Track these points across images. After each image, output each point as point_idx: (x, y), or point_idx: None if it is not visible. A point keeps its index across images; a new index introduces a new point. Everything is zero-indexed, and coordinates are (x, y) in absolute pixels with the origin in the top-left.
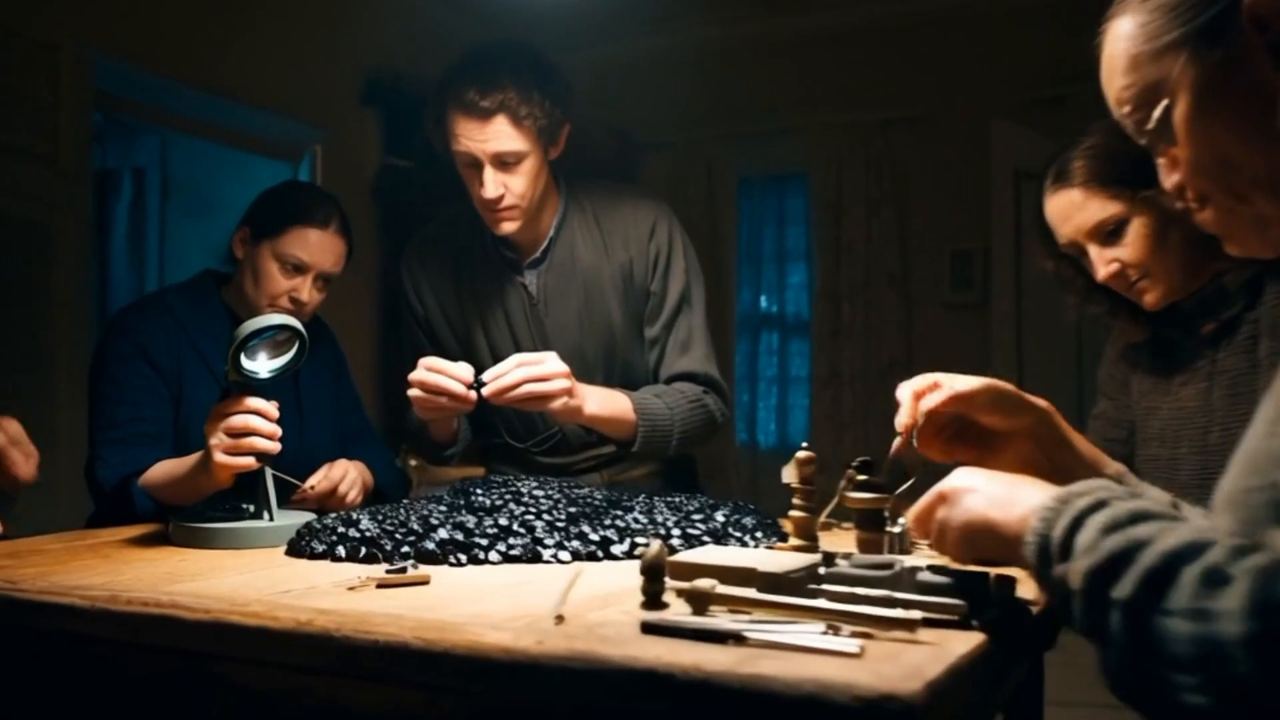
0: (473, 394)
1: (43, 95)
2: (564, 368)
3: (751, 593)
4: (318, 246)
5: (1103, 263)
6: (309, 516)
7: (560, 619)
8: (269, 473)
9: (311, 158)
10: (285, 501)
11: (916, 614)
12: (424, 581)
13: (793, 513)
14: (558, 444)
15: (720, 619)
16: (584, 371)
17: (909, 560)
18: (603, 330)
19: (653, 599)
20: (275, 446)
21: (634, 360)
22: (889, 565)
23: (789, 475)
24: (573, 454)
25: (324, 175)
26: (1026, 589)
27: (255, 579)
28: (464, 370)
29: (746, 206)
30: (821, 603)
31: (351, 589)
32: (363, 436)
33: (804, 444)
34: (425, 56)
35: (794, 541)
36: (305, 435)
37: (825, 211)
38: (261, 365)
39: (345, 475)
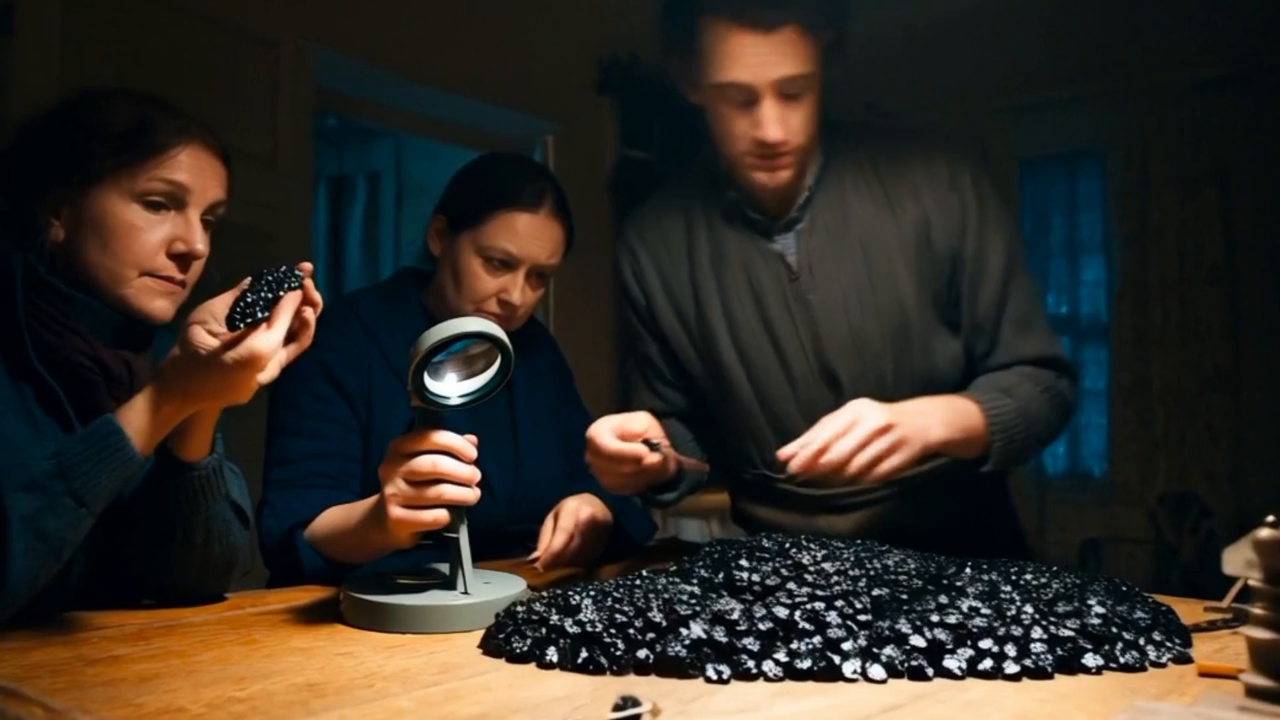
0: (653, 456)
1: (261, 93)
2: (881, 419)
3: None
4: (528, 235)
5: None
6: (518, 586)
7: None
8: (464, 531)
9: (542, 150)
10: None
11: None
12: None
13: (1253, 630)
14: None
15: None
16: (868, 367)
17: None
18: (891, 309)
19: None
20: (472, 495)
21: (936, 348)
22: None
23: (1240, 564)
24: (843, 483)
25: (556, 169)
26: None
27: (422, 704)
28: (638, 423)
29: (1030, 191)
30: None
31: None
32: None
33: (1270, 517)
34: None
35: (1249, 677)
36: (523, 472)
37: (1126, 195)
38: (452, 388)
39: (576, 519)
